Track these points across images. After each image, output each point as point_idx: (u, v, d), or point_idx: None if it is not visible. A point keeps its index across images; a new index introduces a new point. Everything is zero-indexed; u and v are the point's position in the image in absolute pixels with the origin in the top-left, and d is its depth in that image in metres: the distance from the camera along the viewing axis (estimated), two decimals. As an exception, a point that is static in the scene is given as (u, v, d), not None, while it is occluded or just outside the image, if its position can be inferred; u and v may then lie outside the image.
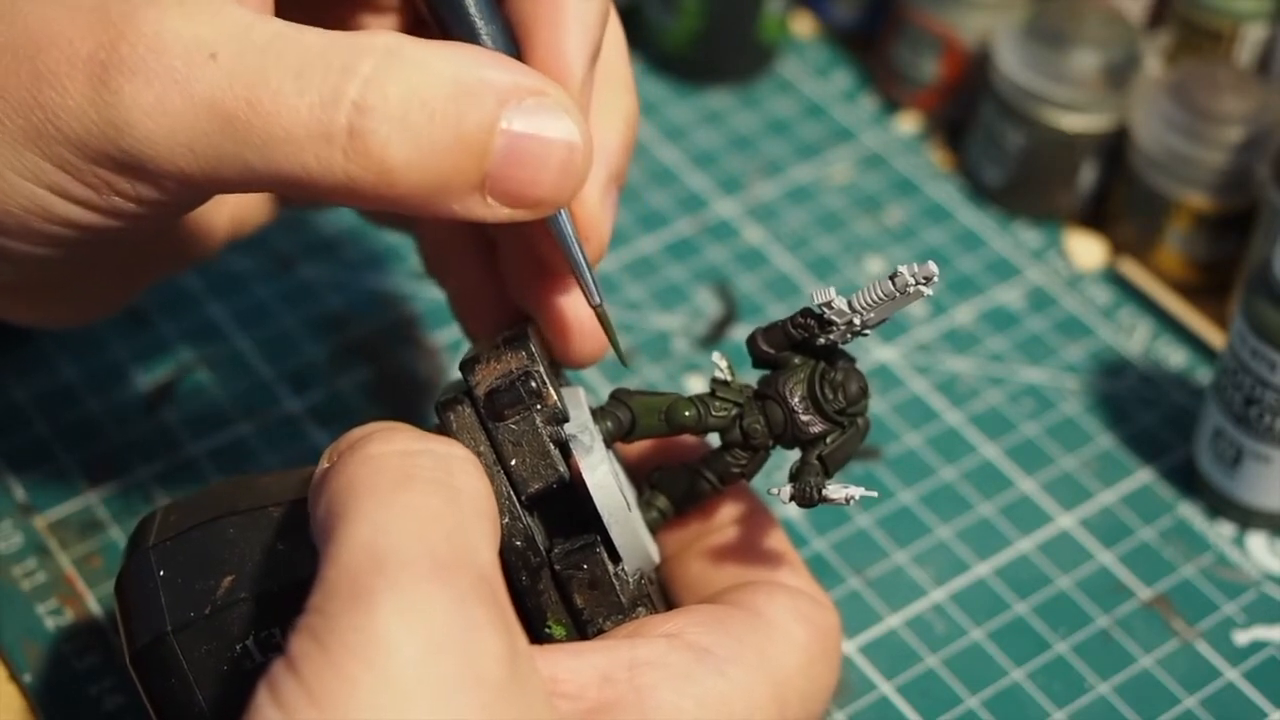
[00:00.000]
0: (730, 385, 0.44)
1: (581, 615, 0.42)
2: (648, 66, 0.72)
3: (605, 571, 0.41)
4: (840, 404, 0.42)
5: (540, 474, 0.41)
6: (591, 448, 0.41)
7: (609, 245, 0.45)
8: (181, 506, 0.43)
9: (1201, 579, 0.55)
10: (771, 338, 0.43)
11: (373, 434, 0.39)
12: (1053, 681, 0.51)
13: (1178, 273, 0.63)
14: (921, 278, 0.40)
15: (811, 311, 0.42)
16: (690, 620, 0.41)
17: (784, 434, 0.43)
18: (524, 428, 0.41)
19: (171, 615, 0.41)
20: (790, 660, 0.42)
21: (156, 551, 0.41)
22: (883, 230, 0.66)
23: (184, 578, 0.41)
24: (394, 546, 0.35)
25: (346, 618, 0.34)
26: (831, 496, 0.41)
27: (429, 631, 0.34)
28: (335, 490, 0.37)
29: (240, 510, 0.42)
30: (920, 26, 0.68)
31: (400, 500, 0.36)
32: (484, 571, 0.36)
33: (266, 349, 0.60)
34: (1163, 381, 0.61)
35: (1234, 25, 0.64)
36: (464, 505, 0.37)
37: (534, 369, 0.41)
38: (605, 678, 0.39)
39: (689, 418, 0.43)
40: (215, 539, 0.41)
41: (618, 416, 0.43)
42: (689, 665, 0.39)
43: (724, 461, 0.44)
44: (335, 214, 0.65)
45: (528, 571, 0.41)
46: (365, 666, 0.33)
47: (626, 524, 0.42)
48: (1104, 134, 0.64)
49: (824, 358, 0.43)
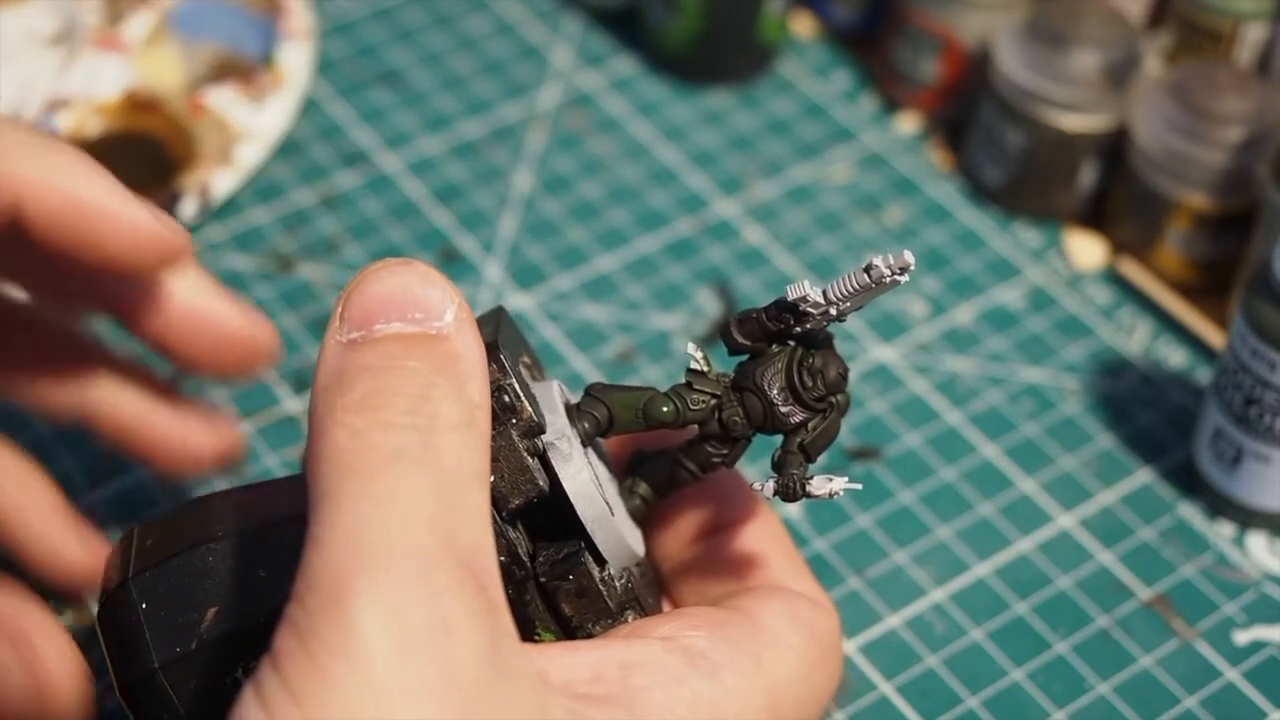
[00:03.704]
0: (706, 376, 0.43)
1: (570, 622, 0.41)
2: (648, 66, 0.72)
3: (592, 580, 0.41)
4: (820, 391, 0.42)
5: (520, 489, 0.40)
6: (570, 455, 0.41)
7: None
8: (156, 530, 0.43)
9: (1201, 579, 0.55)
10: (747, 329, 0.42)
11: (369, 390, 0.37)
12: (1053, 681, 0.51)
13: (1178, 273, 0.63)
14: (897, 267, 0.39)
15: (787, 305, 0.41)
16: (686, 624, 0.41)
17: (764, 425, 0.42)
18: (500, 443, 0.40)
19: (158, 651, 0.40)
20: (785, 667, 0.41)
21: (137, 584, 0.41)
22: (883, 230, 0.66)
23: (166, 610, 0.41)
24: (375, 540, 0.35)
25: (326, 616, 0.34)
26: (815, 492, 0.41)
27: (406, 631, 0.34)
28: (325, 459, 0.36)
29: (217, 537, 0.41)
30: (920, 26, 0.68)
31: (382, 488, 0.36)
32: (468, 557, 0.36)
33: (266, 349, 0.60)
34: (1163, 381, 0.61)
35: (1234, 25, 0.64)
36: (449, 481, 0.36)
37: (506, 382, 0.40)
38: (596, 676, 0.38)
39: (666, 414, 0.42)
40: (195, 569, 0.41)
41: (594, 416, 0.43)
42: (682, 669, 0.39)
43: (704, 451, 0.43)
44: (335, 214, 0.65)
45: (513, 585, 0.40)
46: (344, 665, 0.33)
47: (610, 528, 0.41)
48: (1104, 134, 0.64)
49: (801, 343, 0.42)
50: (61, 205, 0.43)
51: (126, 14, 0.70)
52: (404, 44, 0.73)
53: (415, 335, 0.38)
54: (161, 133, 0.66)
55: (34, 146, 0.43)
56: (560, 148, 0.69)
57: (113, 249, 0.43)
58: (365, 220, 0.65)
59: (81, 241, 0.43)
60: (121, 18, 0.69)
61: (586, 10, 0.75)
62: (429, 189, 0.67)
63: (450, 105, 0.70)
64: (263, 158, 0.66)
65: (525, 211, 0.66)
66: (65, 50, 0.69)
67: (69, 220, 0.43)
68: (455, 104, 0.70)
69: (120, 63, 0.68)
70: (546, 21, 0.74)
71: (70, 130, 0.66)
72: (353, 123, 0.69)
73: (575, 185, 0.67)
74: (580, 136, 0.69)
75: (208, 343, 0.47)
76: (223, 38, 0.69)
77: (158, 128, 0.66)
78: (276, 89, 0.67)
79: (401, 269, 0.39)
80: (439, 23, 0.74)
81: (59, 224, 0.43)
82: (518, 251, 0.65)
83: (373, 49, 0.73)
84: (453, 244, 0.65)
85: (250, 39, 0.69)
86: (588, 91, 0.71)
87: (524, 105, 0.71)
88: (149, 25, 0.69)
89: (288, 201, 0.66)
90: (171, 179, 0.64)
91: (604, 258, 0.64)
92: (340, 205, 0.66)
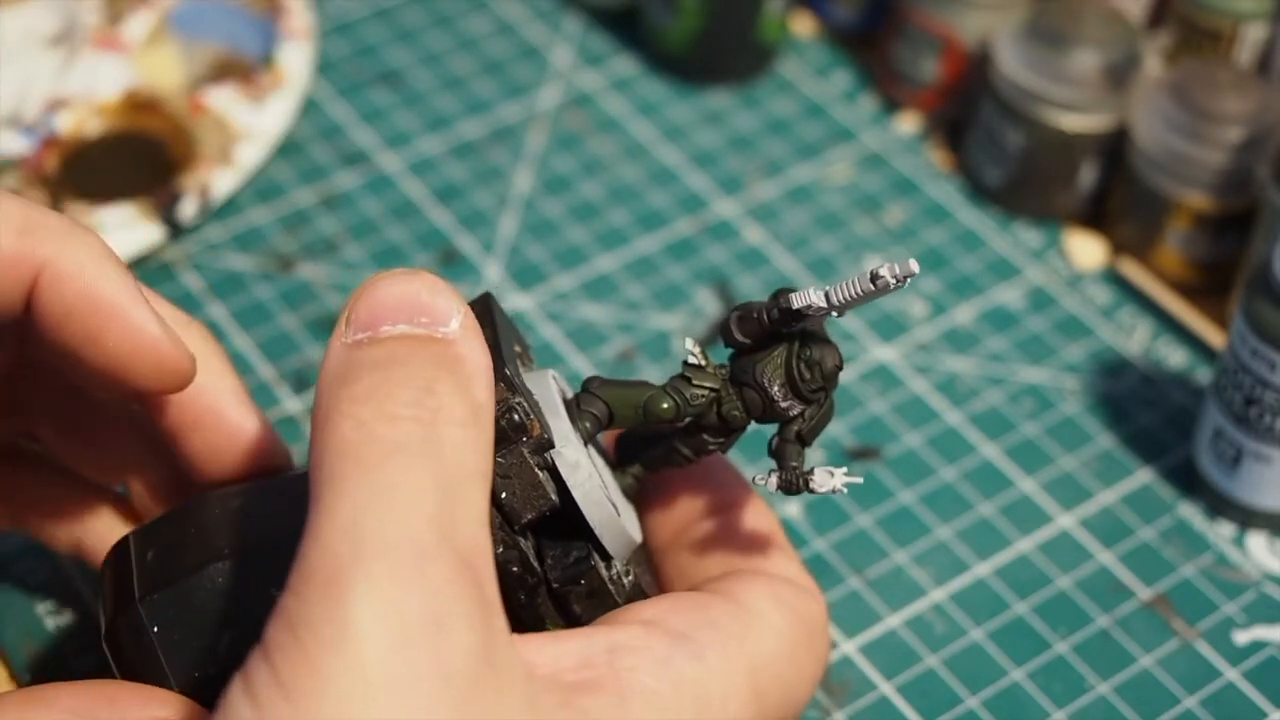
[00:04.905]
0: (704, 370, 0.43)
1: (580, 620, 0.42)
2: (648, 66, 0.72)
3: (603, 582, 0.41)
4: (817, 383, 0.42)
5: (533, 504, 0.40)
6: (577, 464, 0.41)
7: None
8: (154, 539, 0.42)
9: (1201, 579, 0.55)
10: (746, 328, 0.43)
11: (374, 382, 0.38)
12: (1053, 681, 0.51)
13: (1178, 273, 0.63)
14: (902, 276, 0.39)
15: (791, 312, 0.41)
16: (669, 607, 0.41)
17: (762, 417, 0.43)
18: (511, 460, 0.40)
19: (175, 677, 0.40)
20: (768, 647, 0.42)
21: (146, 606, 0.41)
22: (883, 230, 0.66)
23: (180, 634, 0.41)
24: (373, 533, 0.35)
25: (320, 608, 0.34)
26: (819, 490, 0.41)
27: (400, 626, 0.34)
28: (329, 449, 0.36)
29: (224, 555, 0.41)
30: (920, 26, 0.68)
31: (383, 479, 0.36)
32: (465, 552, 0.36)
33: (266, 349, 0.60)
34: (1163, 381, 0.61)
35: (1234, 25, 0.64)
36: (450, 475, 0.36)
37: (515, 401, 0.40)
38: (583, 662, 0.39)
39: (667, 410, 0.43)
40: (205, 589, 0.41)
41: (595, 415, 0.43)
42: (667, 650, 0.40)
43: (700, 440, 0.44)
44: (335, 214, 0.65)
45: (525, 591, 0.41)
46: (337, 659, 0.33)
47: (616, 528, 0.42)
48: (1104, 134, 0.64)
49: (797, 337, 0.43)
50: (77, 294, 0.42)
51: (126, 14, 0.70)
52: (404, 44, 0.73)
53: (421, 336, 0.38)
54: (161, 133, 0.66)
55: (62, 231, 0.42)
56: (560, 148, 0.69)
57: (112, 352, 0.42)
58: (365, 220, 0.65)
59: (86, 337, 0.42)
60: (121, 18, 0.69)
61: (586, 10, 0.75)
62: (429, 189, 0.67)
63: (450, 105, 0.70)
64: (263, 158, 0.66)
65: (525, 211, 0.66)
66: (65, 50, 0.69)
67: (79, 311, 0.42)
68: (455, 104, 0.70)
69: (120, 63, 0.68)
70: (546, 21, 0.74)
71: (70, 130, 0.66)
72: (353, 123, 0.69)
73: (575, 185, 0.67)
74: (580, 136, 0.69)
75: (226, 455, 0.46)
76: (223, 38, 0.69)
77: (158, 128, 0.66)
78: (276, 89, 0.67)
79: (409, 277, 0.39)
80: (439, 23, 0.74)
81: (70, 314, 0.42)
82: (518, 251, 0.65)
83: (373, 49, 0.73)
84: (453, 244, 0.65)
85: (250, 39, 0.69)
86: (588, 91, 0.71)
87: (524, 105, 0.71)
88: (149, 25, 0.69)
89: (288, 201, 0.66)
90: (171, 179, 0.64)
91: (604, 258, 0.64)
92: (340, 205, 0.66)
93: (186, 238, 0.64)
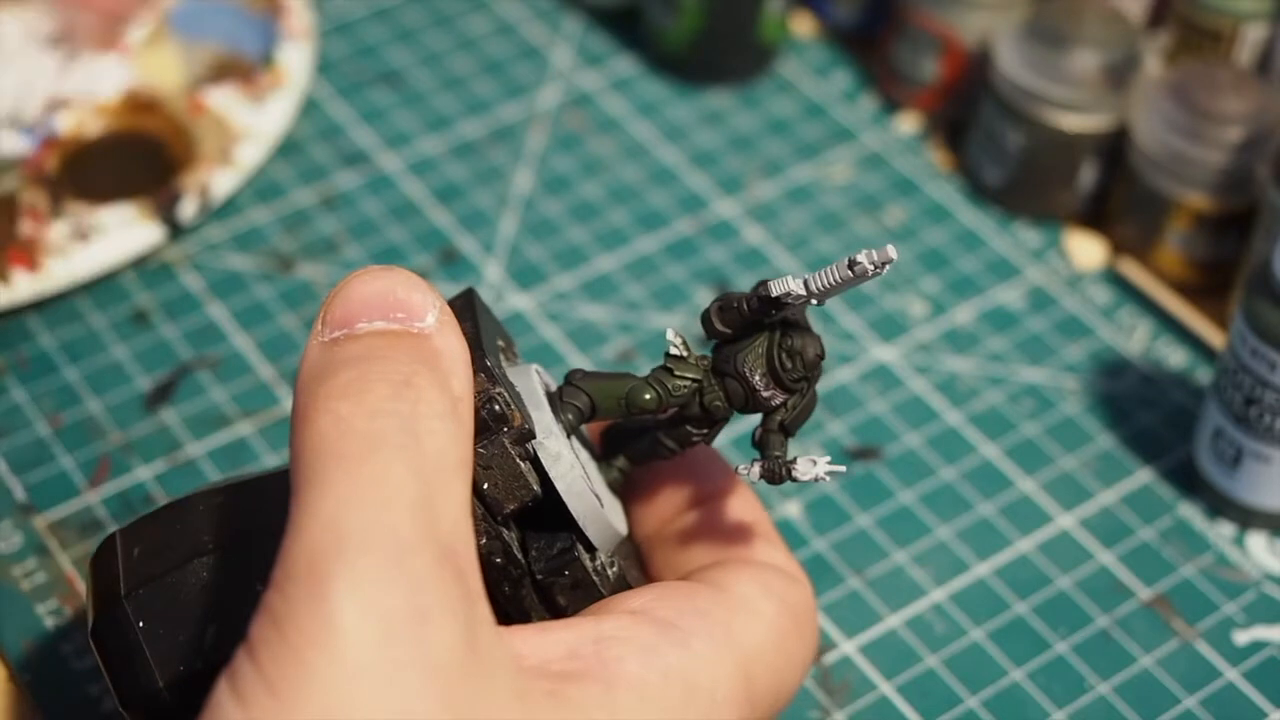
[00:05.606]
0: (686, 360, 0.43)
1: (565, 612, 0.42)
2: (648, 66, 0.72)
3: (587, 573, 0.41)
4: (799, 372, 0.42)
5: (515, 495, 0.40)
6: (559, 455, 0.41)
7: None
8: (140, 536, 0.42)
9: (1201, 579, 0.55)
10: (727, 318, 0.42)
11: (351, 377, 0.37)
12: (1053, 681, 0.51)
13: (1178, 273, 0.63)
14: (880, 262, 0.39)
15: (770, 300, 0.41)
16: (656, 596, 0.41)
17: (745, 407, 0.43)
18: (493, 451, 0.40)
19: (161, 671, 0.40)
20: (757, 634, 0.42)
21: (131, 601, 0.41)
22: (883, 230, 0.66)
23: (165, 629, 0.41)
24: (354, 528, 0.35)
25: (304, 603, 0.34)
26: (801, 477, 0.41)
27: (384, 620, 0.34)
28: (308, 445, 0.36)
29: (208, 550, 0.41)
30: (920, 26, 0.68)
31: (365, 472, 0.36)
32: (447, 544, 0.36)
33: (266, 349, 0.60)
34: (1163, 381, 0.61)
35: (1234, 25, 0.64)
36: (430, 468, 0.36)
37: (495, 391, 0.40)
38: (571, 652, 0.39)
39: (649, 401, 0.43)
40: (189, 584, 0.41)
41: (577, 407, 0.43)
42: (654, 638, 0.40)
43: (684, 431, 0.44)
44: (335, 214, 0.65)
45: (509, 583, 0.41)
46: (322, 655, 0.33)
47: (600, 520, 0.42)
48: (1104, 134, 0.64)
49: (778, 326, 0.43)
50: None
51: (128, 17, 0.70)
52: (404, 44, 0.73)
53: (397, 331, 0.38)
54: (161, 133, 0.66)
55: None
56: (560, 148, 0.69)
57: None
58: (365, 220, 0.65)
59: None
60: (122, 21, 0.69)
61: (586, 10, 0.75)
62: (429, 189, 0.67)
63: (450, 105, 0.70)
64: (263, 158, 0.66)
65: (525, 211, 0.66)
66: (65, 50, 0.69)
67: None
68: (455, 104, 0.70)
69: (120, 63, 0.68)
70: (546, 21, 0.74)
71: (70, 130, 0.66)
72: (353, 123, 0.69)
73: (575, 185, 0.67)
74: (580, 136, 0.69)
75: None
76: (223, 38, 0.69)
77: (158, 128, 0.66)
78: (276, 89, 0.67)
79: (384, 273, 0.39)
80: (439, 23, 0.74)
81: None
82: (518, 251, 0.65)
83: (373, 49, 0.73)
84: (453, 244, 0.65)
85: (250, 39, 0.69)
86: (588, 91, 0.71)
87: (524, 105, 0.71)
88: (149, 25, 0.69)
89: (288, 201, 0.66)
90: (171, 179, 0.64)
91: (604, 258, 0.64)
92: (340, 205, 0.66)
93: (186, 238, 0.64)
